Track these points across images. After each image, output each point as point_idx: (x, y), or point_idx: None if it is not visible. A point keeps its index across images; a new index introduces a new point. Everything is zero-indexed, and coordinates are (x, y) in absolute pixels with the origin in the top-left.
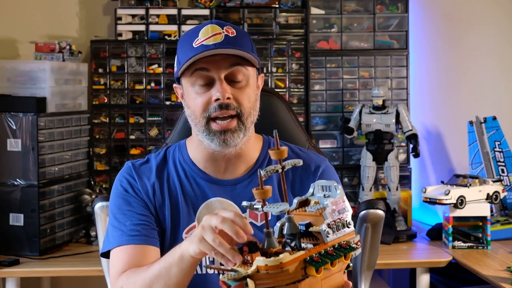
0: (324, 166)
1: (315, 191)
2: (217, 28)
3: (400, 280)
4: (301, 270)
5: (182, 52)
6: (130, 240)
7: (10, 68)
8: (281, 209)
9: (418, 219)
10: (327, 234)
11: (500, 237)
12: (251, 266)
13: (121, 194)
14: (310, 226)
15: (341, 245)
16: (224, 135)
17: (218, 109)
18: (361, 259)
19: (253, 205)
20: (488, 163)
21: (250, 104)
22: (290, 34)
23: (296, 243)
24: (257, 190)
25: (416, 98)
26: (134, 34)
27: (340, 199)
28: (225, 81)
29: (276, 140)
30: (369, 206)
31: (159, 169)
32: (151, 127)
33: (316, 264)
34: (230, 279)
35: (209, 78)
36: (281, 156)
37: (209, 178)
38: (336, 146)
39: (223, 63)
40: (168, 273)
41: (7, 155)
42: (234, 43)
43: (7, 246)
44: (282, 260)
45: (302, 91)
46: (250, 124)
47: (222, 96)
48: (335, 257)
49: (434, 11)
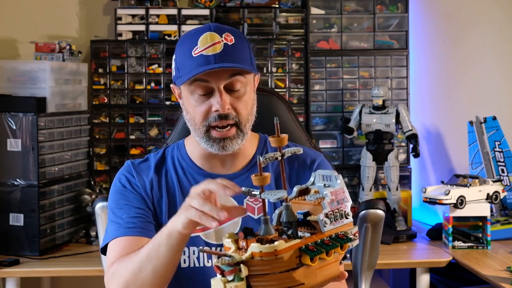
0: (320, 160)
1: (316, 180)
2: (216, 36)
3: (400, 280)
4: (296, 258)
5: (182, 60)
6: (126, 232)
7: (10, 68)
8: (278, 196)
9: (418, 219)
10: (325, 224)
11: (500, 237)
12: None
13: (119, 190)
14: (308, 215)
15: (338, 235)
16: (224, 142)
17: (218, 119)
18: (362, 259)
19: (251, 191)
20: (488, 163)
21: (248, 111)
22: (290, 34)
23: (293, 231)
24: (255, 176)
25: (416, 98)
26: (134, 34)
27: (340, 189)
28: (224, 90)
29: (277, 127)
30: (369, 206)
31: (157, 166)
32: (151, 127)
33: (311, 253)
34: (224, 264)
35: (208, 88)
36: (281, 144)
37: (207, 173)
38: (336, 146)
39: (222, 75)
40: (157, 254)
41: (7, 155)
42: (233, 54)
43: (7, 246)
44: (277, 248)
45: (302, 91)
46: (248, 130)
47: (222, 108)
48: (331, 247)
49: (434, 11)
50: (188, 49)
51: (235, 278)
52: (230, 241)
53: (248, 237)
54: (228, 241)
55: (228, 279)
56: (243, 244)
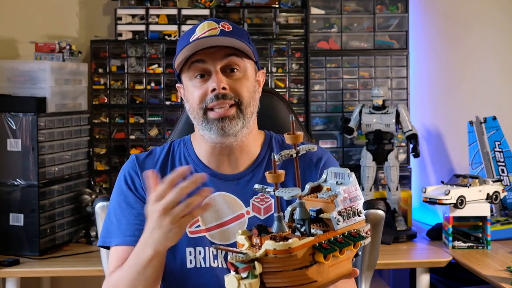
0: (326, 157)
1: (328, 178)
2: (213, 23)
3: (400, 280)
4: (309, 256)
5: (180, 48)
6: (125, 240)
7: (10, 68)
8: (293, 193)
9: (418, 219)
10: (338, 222)
11: (500, 237)
12: (260, 250)
13: (122, 190)
14: (321, 212)
15: (351, 233)
16: (222, 122)
17: (214, 100)
18: (362, 259)
19: (265, 189)
20: (488, 163)
21: (249, 95)
22: (290, 34)
23: (306, 229)
24: (270, 173)
25: (416, 98)
26: (134, 34)
27: (353, 187)
28: (221, 72)
29: (292, 124)
30: (369, 207)
31: (163, 163)
32: (151, 127)
33: (325, 251)
34: (238, 261)
35: (205, 70)
36: (297, 141)
37: (212, 172)
38: (336, 146)
39: (218, 54)
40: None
41: (7, 155)
42: (229, 36)
43: (7, 246)
44: (291, 245)
45: (302, 91)
46: (249, 115)
47: (218, 86)
48: (344, 244)
49: (434, 11)
50: (186, 37)
51: (249, 275)
52: (244, 238)
53: (262, 234)
54: (242, 237)
55: (242, 276)
56: (257, 241)
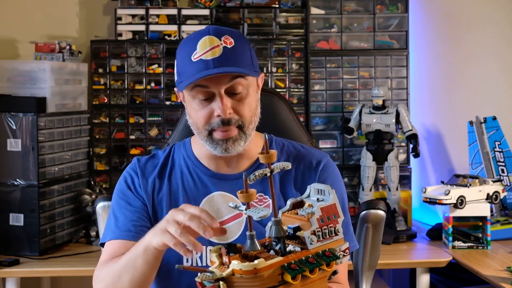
0: (326, 161)
1: (311, 194)
2: (215, 40)
3: (400, 280)
4: (278, 276)
5: (182, 66)
6: (121, 235)
7: (10, 68)
8: (261, 214)
9: (418, 219)
10: (311, 241)
11: (500, 237)
12: (228, 269)
13: (122, 189)
14: (298, 229)
15: (325, 252)
16: (226, 144)
17: (220, 125)
18: (362, 260)
19: (238, 207)
20: (488, 163)
21: (251, 113)
22: (290, 34)
23: (281, 247)
24: (241, 193)
25: (416, 98)
26: (134, 34)
27: (333, 205)
28: (225, 94)
29: (266, 144)
30: (369, 207)
31: (163, 165)
32: (151, 127)
33: (292, 272)
34: (205, 280)
35: (209, 93)
36: (270, 160)
37: (212, 173)
38: (336, 146)
39: (222, 79)
40: (134, 265)
41: (7, 155)
42: (232, 57)
43: (7, 246)
44: (256, 266)
45: (302, 91)
46: (251, 131)
47: (223, 113)
48: (315, 265)
49: (434, 11)
50: (187, 54)
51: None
52: (215, 255)
53: (231, 253)
54: (213, 255)
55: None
56: (226, 260)
